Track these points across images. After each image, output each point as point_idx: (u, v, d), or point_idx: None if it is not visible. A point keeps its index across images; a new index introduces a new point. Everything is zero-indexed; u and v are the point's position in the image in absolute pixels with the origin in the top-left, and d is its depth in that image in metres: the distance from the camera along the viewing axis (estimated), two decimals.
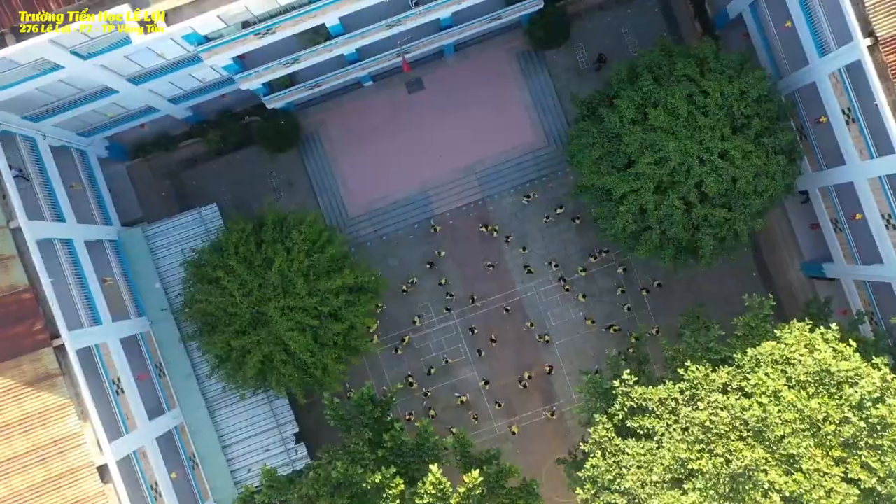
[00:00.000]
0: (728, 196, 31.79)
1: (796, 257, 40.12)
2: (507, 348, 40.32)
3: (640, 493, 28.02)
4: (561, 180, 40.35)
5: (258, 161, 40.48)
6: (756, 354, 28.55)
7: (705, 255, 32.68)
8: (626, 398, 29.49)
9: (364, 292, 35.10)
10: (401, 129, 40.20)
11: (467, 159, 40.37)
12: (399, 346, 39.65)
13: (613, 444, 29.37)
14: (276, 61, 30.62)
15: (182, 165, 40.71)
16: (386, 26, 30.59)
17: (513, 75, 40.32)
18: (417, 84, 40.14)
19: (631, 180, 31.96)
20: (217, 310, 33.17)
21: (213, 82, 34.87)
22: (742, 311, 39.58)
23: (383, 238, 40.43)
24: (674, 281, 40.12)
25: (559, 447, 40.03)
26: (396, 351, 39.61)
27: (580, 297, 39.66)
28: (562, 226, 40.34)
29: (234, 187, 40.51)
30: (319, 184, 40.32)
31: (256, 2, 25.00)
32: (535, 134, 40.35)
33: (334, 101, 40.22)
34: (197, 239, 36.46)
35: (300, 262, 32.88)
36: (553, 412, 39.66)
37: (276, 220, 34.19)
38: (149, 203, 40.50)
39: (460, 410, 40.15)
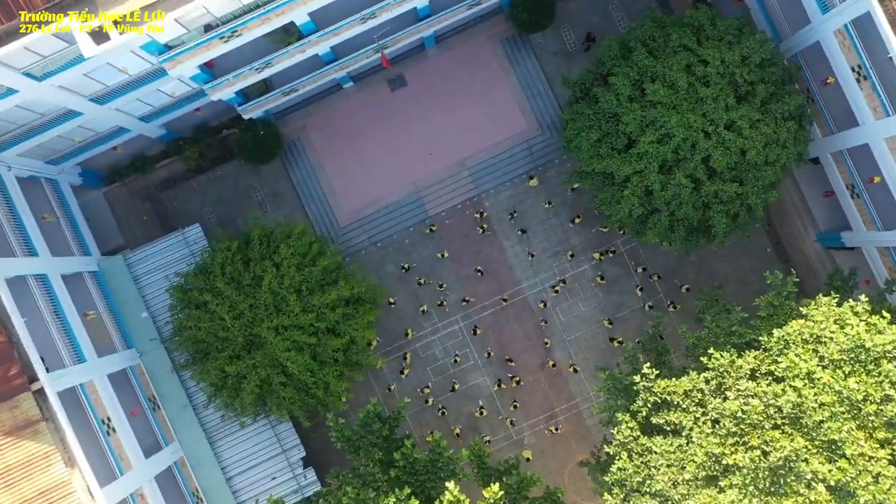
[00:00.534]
0: (738, 169, 29.93)
1: (811, 228, 38.24)
2: (517, 347, 38.44)
3: (673, 493, 26.16)
4: (558, 168, 38.50)
5: (240, 175, 38.63)
6: (783, 335, 26.68)
7: (718, 233, 30.82)
8: (648, 393, 27.63)
9: (362, 304, 33.26)
10: (386, 130, 38.35)
11: (458, 155, 38.50)
12: (404, 368, 37.83)
13: (639, 444, 27.50)
14: (246, 67, 28.73)
15: (161, 186, 38.86)
16: (360, 20, 28.72)
17: (498, 63, 38.45)
18: (399, 81, 38.27)
19: (633, 161, 30.11)
20: (208, 335, 31.35)
21: (183, 96, 32.99)
22: (759, 290, 38.09)
23: (378, 245, 38.56)
24: (685, 264, 38.26)
25: (580, 447, 38.22)
26: (402, 373, 37.80)
27: (598, 280, 37.94)
28: (563, 216, 38.49)
29: (217, 205, 38.70)
30: (306, 193, 38.45)
31: (217, 2, 23.12)
32: (527, 122, 38.48)
33: (314, 106, 38.35)
34: (182, 262, 34.60)
35: (291, 277, 31.07)
36: (557, 428, 37.85)
37: (263, 235, 32.37)
38: (130, 229, 38.68)
39: (474, 417, 38.26)
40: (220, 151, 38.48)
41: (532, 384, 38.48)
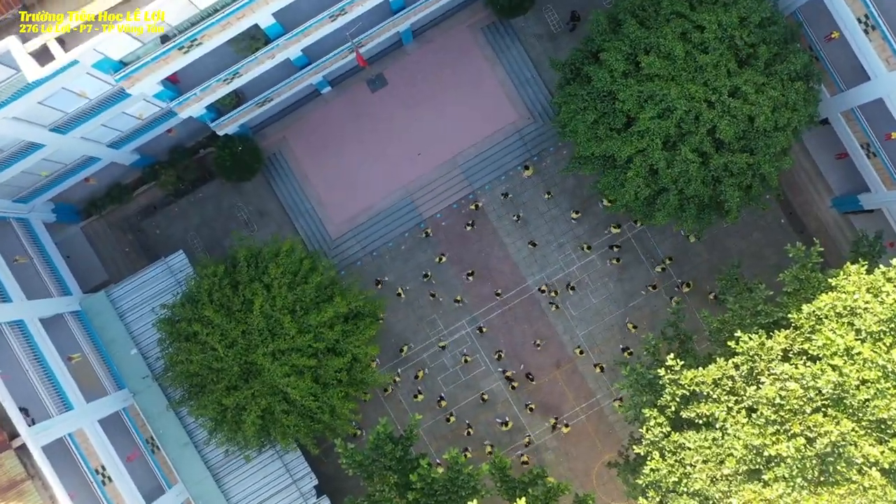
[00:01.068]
0: (747, 138, 28.05)
1: (825, 194, 36.35)
2: (528, 347, 36.53)
3: (713, 491, 24.28)
4: (554, 156, 36.62)
5: (222, 195, 36.76)
6: (814, 310, 24.77)
7: (732, 208, 28.92)
8: (675, 386, 25.73)
9: (361, 318, 31.38)
10: (370, 133, 36.46)
11: (448, 152, 36.62)
12: (419, 392, 35.89)
13: (671, 442, 25.62)
14: (213, 79, 26.83)
15: (141, 215, 37.01)
16: (329, 18, 26.83)
17: (481, 52, 36.57)
18: (379, 80, 36.39)
19: (634, 140, 28.22)
20: (201, 368, 29.48)
21: (152, 117, 31.11)
22: (778, 265, 36.23)
23: (373, 254, 36.67)
24: (696, 244, 36.34)
25: (605, 446, 36.34)
26: (417, 397, 35.85)
27: (613, 260, 36.00)
28: (563, 207, 36.61)
29: (201, 228, 36.83)
30: (293, 208, 36.57)
31: (171, 10, 21.23)
32: (518, 111, 36.59)
33: (293, 116, 36.47)
34: (168, 293, 32.72)
35: (283, 298, 29.22)
36: (567, 425, 35.90)
37: (250, 256, 30.49)
38: (113, 263, 36.81)
39: (493, 423, 36.34)
40: (199, 172, 36.64)
41: (549, 384, 36.57)
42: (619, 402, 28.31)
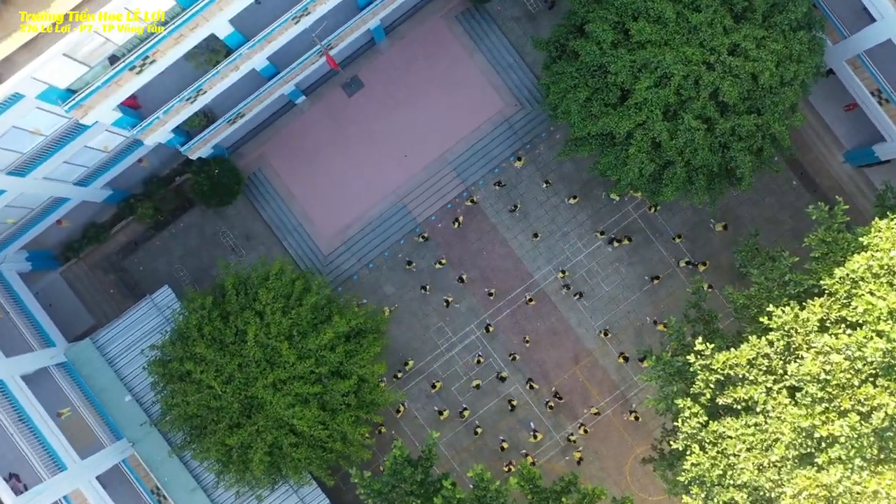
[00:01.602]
0: (752, 98, 26.14)
1: (836, 150, 34.45)
2: (543, 344, 34.62)
3: (763, 480, 22.36)
4: (547, 142, 34.73)
5: (205, 222, 34.85)
6: (848, 273, 22.93)
7: (744, 175, 27.00)
8: (707, 372, 23.82)
9: (363, 336, 29.48)
10: (352, 139, 34.55)
11: (436, 151, 34.72)
12: (442, 410, 33.99)
13: (710, 432, 23.70)
14: (175, 99, 24.93)
15: (122, 253, 35.10)
16: (292, 20, 24.94)
17: (459, 42, 34.68)
18: (355, 83, 34.50)
19: (633, 114, 26.33)
20: (199, 409, 27.60)
21: (119, 149, 29.20)
22: (796, 229, 34.38)
23: (370, 266, 34.76)
24: (707, 217, 34.45)
25: (636, 440, 34.44)
26: (441, 416, 34.00)
27: (625, 240, 34.11)
28: (563, 194, 34.73)
29: (186, 259, 34.93)
30: (280, 227, 34.66)
31: (117, 26, 19.34)
32: (503, 99, 34.69)
33: (269, 131, 34.58)
34: (157, 332, 30.82)
35: (278, 324, 27.34)
36: (587, 430, 34.03)
37: (237, 283, 28.62)
38: (98, 306, 34.90)
39: (515, 428, 34.42)
40: (178, 201, 34.76)
41: (569, 381, 34.65)
42: (648, 396, 26.40)
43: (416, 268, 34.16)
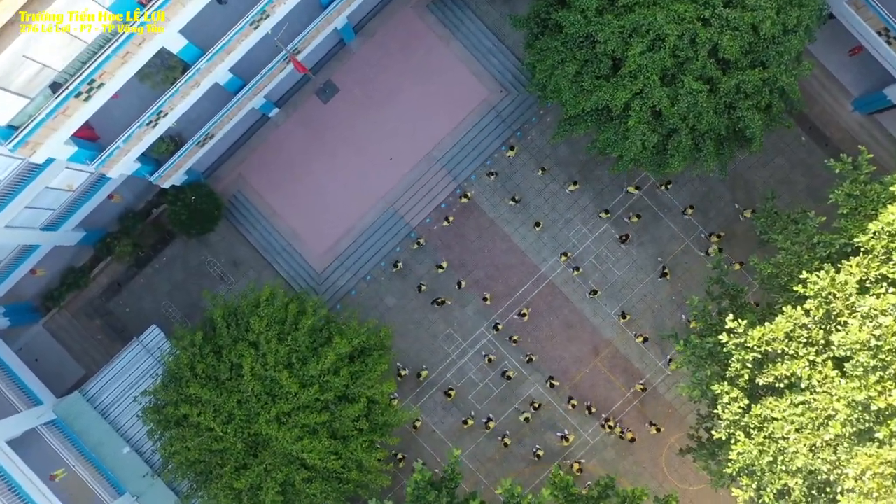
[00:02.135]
0: (755, 51, 24.19)
1: (844, 99, 32.49)
2: (559, 339, 32.68)
3: (818, 463, 20.39)
4: (538, 126, 32.80)
5: (188, 253, 32.93)
6: (882, 227, 21.00)
7: (755, 134, 25.03)
8: (742, 351, 21.86)
9: (368, 354, 27.55)
10: (332, 149, 32.62)
11: (422, 149, 32.79)
12: (466, 419, 32.07)
13: (754, 416, 21.75)
14: (134, 124, 23.01)
15: (106, 296, 33.17)
16: (250, 25, 23.00)
17: (433, 32, 32.76)
18: (329, 88, 32.57)
19: (628, 83, 24.39)
20: (201, 453, 25.67)
21: (85, 186, 27.28)
22: (813, 187, 32.48)
23: (367, 280, 32.82)
24: (716, 186, 32.54)
25: (669, 429, 32.54)
26: (465, 425, 32.05)
27: (634, 218, 32.25)
28: (562, 180, 32.81)
29: (174, 294, 33.00)
30: (267, 249, 32.72)
31: (49, 52, 17.43)
32: (487, 87, 32.75)
33: (244, 149, 32.66)
34: (149, 375, 28.91)
35: (275, 353, 25.42)
36: (622, 432, 32.11)
37: (227, 314, 26.69)
38: (86, 354, 33.00)
39: (560, 445, 32.48)
40: (158, 235, 32.85)
41: (591, 375, 32.70)
42: (681, 384, 24.45)
43: (401, 269, 32.22)
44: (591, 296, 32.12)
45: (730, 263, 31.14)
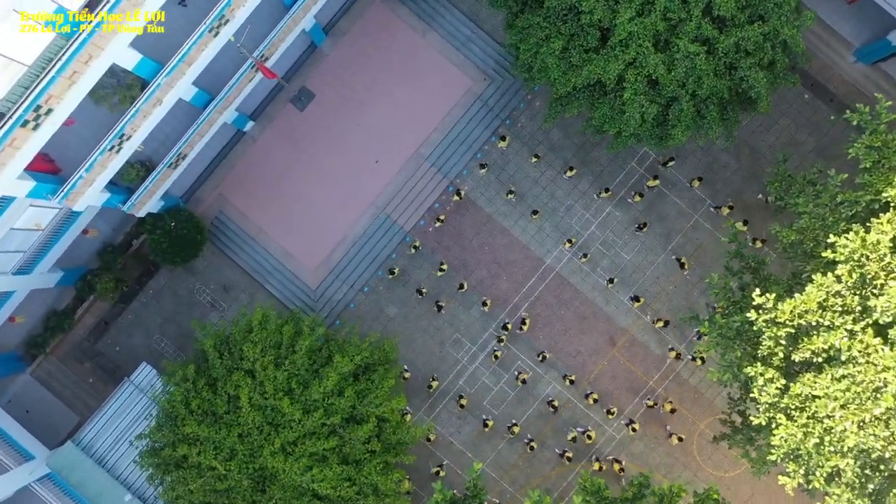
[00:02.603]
0: (751, 5, 22.48)
1: (844, 50, 30.84)
2: (572, 332, 31.02)
3: (870, 441, 18.71)
4: (527, 112, 31.16)
5: (175, 283, 31.29)
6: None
7: (761, 94, 23.34)
8: (774, 327, 20.17)
9: (373, 369, 25.89)
10: (314, 158, 30.98)
11: (409, 148, 31.16)
12: (487, 420, 30.37)
13: (793, 396, 20.04)
14: (96, 151, 21.35)
15: (93, 336, 31.54)
16: (210, 32, 21.36)
17: (407, 25, 31.14)
18: (304, 95, 30.93)
19: (619, 53, 22.72)
20: (206, 494, 24.02)
21: (55, 223, 25.64)
22: (822, 146, 30.85)
23: (365, 291, 31.16)
24: (721, 154, 30.91)
25: (697, 414, 30.93)
26: (485, 428, 30.40)
27: (636, 197, 30.59)
28: (558, 166, 31.18)
29: (165, 328, 31.36)
30: (257, 270, 31.07)
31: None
32: (470, 76, 31.12)
33: (222, 168, 31.02)
34: (145, 416, 27.26)
35: (272, 380, 23.78)
36: (634, 426, 30.40)
37: (218, 344, 25.04)
38: (79, 400, 31.34)
39: (563, 431, 30.82)
40: (141, 267, 31.22)
41: (610, 366, 31.04)
42: (711, 369, 22.77)
43: (399, 276, 30.64)
44: (608, 285, 30.48)
45: (761, 243, 29.47)
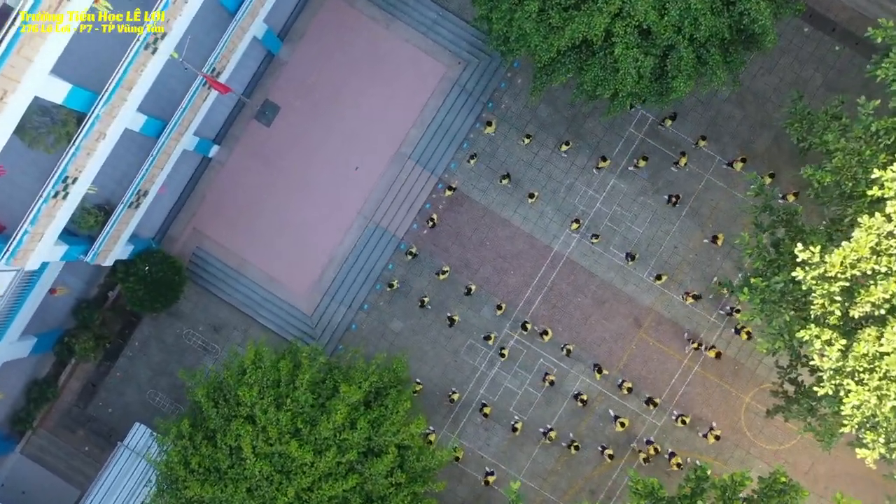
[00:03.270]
0: None
1: None
2: (593, 319, 28.64)
3: None
4: (510, 92, 28.79)
5: (161, 331, 28.95)
6: None
7: (765, 27, 20.90)
8: (825, 283, 17.77)
9: (385, 393, 23.51)
10: (290, 174, 28.62)
11: (389, 149, 28.79)
12: (514, 430, 27.96)
13: (859, 357, 17.63)
14: (38, 200, 18.98)
15: (82, 401, 29.24)
16: (146, 49, 18.99)
17: (368, 17, 28.78)
18: (269, 109, 28.57)
19: (603, 5, 20.31)
20: None
21: (13, 288, 23.21)
22: (832, 81, 28.48)
23: (365, 308, 28.79)
24: (724, 105, 28.54)
25: (740, 388, 28.69)
26: (514, 432, 28.00)
27: (640, 162, 27.98)
28: (551, 143, 28.80)
29: (157, 381, 29.03)
30: (246, 304, 28.70)
31: None
32: (443, 62, 28.76)
33: (192, 200, 28.67)
34: (145, 481, 24.91)
35: (275, 423, 21.41)
36: (683, 419, 28.01)
37: (211, 392, 22.66)
38: (77, 471, 29.06)
39: (616, 433, 28.43)
40: (122, 319, 28.92)
41: (642, 350, 28.64)
42: (759, 340, 20.36)
43: (399, 288, 28.34)
44: (628, 262, 28.10)
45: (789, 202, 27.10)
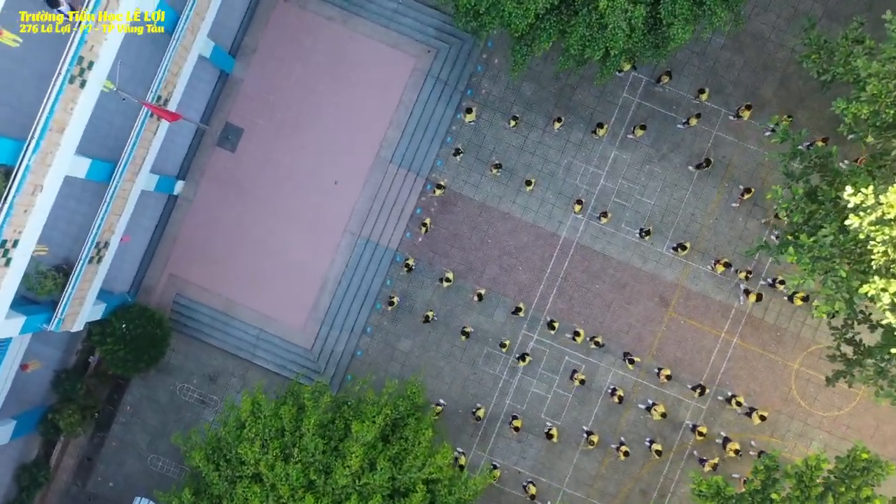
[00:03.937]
0: None
1: None
2: (615, 305, 26.26)
3: None
4: (489, 75, 26.41)
5: (153, 390, 26.61)
6: None
7: None
8: (884, 227, 15.36)
9: (403, 424, 21.11)
10: (264, 200, 26.25)
11: (367, 157, 26.42)
12: (549, 436, 25.58)
13: None
14: None
15: (80, 478, 26.93)
16: (72, 82, 16.61)
17: (324, 18, 26.41)
18: (231, 133, 26.19)
19: None
20: None
21: None
22: (834, 9, 26.23)
23: (369, 332, 26.40)
24: (721, 53, 26.18)
25: (785, 355, 26.54)
26: (550, 439, 25.61)
27: (638, 129, 25.71)
28: (541, 123, 26.42)
29: (157, 444, 26.71)
30: (240, 347, 26.32)
31: None
32: (411, 53, 26.38)
33: (163, 244, 26.29)
34: None
35: (285, 479, 18.97)
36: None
37: (210, 453, 20.26)
38: None
39: (637, 422, 26.03)
40: (108, 384, 26.55)
41: (674, 330, 26.25)
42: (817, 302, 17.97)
43: (400, 304, 26.02)
44: (645, 237, 25.72)
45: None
